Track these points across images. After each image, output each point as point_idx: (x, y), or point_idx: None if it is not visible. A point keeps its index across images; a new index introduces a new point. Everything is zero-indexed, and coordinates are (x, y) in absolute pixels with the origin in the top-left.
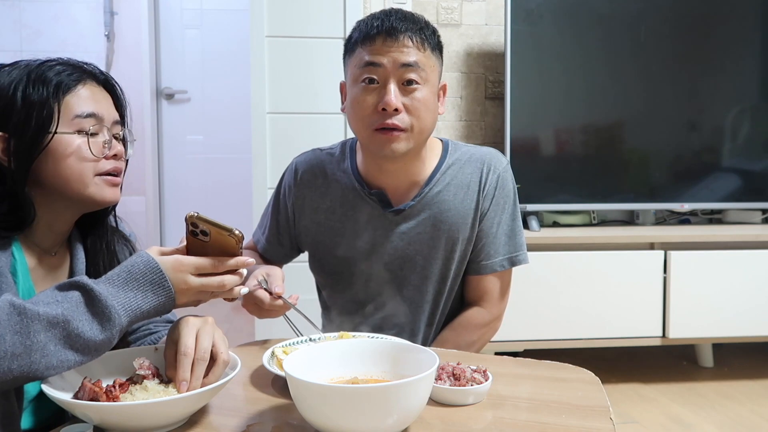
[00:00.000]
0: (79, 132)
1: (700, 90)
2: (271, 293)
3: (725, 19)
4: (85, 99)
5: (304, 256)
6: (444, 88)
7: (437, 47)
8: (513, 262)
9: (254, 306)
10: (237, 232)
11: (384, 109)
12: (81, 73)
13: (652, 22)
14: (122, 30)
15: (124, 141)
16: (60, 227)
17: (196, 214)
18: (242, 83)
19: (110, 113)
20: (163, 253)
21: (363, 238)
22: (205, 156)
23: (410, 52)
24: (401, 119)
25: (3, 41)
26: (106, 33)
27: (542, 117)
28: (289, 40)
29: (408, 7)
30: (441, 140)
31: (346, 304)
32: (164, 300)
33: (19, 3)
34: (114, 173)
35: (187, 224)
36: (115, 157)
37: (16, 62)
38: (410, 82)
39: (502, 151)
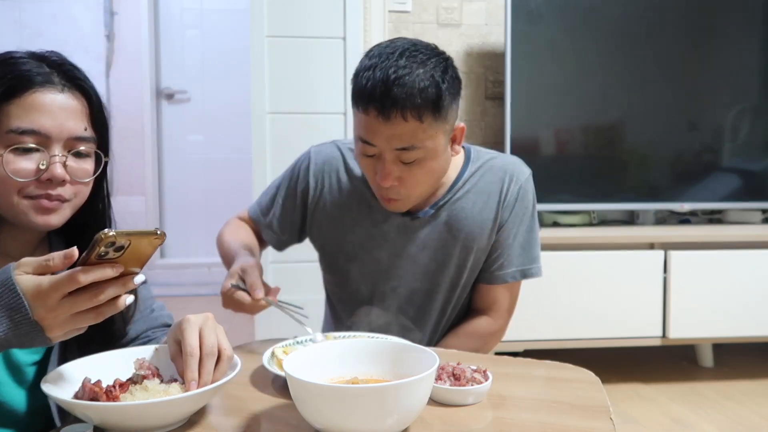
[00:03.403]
0: (12, 149)
1: (700, 90)
2: (250, 294)
3: (725, 19)
4: (28, 110)
5: (311, 255)
6: (461, 131)
7: (444, 105)
8: (525, 274)
9: (235, 306)
10: (160, 232)
11: None
12: (45, 75)
13: (653, 22)
14: (122, 30)
15: (97, 158)
16: (24, 236)
17: (113, 233)
18: (242, 83)
19: (67, 127)
20: (37, 270)
21: (377, 240)
22: (205, 156)
23: (405, 132)
24: (396, 192)
25: (3, 41)
26: (106, 33)
27: (542, 117)
28: (289, 40)
29: (408, 7)
30: (463, 147)
31: (352, 305)
32: (26, 329)
33: (19, 3)
34: (47, 198)
35: (95, 247)
36: (50, 182)
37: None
38: (408, 156)
39: (502, 151)
